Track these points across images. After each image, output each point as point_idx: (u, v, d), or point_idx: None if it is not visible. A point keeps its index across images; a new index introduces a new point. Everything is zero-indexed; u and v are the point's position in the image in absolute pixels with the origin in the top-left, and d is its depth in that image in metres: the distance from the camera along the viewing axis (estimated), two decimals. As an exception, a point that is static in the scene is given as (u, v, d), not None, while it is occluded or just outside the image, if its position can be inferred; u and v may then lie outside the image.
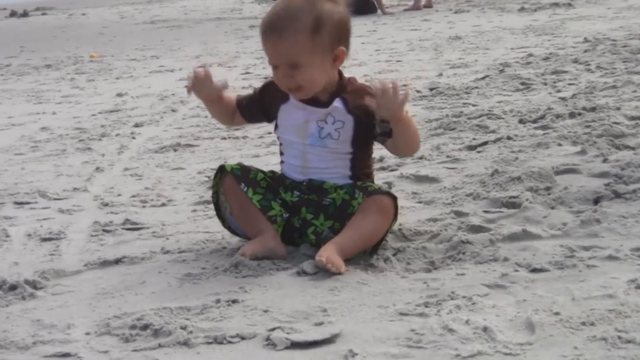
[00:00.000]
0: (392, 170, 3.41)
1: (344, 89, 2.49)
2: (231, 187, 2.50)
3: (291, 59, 2.36)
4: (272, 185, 2.52)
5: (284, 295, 2.13)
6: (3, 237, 2.84)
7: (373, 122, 2.43)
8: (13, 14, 16.49)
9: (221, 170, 2.55)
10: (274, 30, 2.37)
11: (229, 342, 1.88)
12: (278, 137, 2.61)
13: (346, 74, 2.57)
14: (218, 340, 1.89)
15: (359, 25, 10.75)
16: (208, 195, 3.24)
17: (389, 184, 3.13)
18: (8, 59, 9.56)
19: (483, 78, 5.47)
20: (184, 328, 1.93)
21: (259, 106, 2.60)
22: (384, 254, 2.37)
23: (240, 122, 2.70)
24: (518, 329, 1.82)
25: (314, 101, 2.47)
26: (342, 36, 2.44)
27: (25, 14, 16.56)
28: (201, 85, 2.54)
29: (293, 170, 2.54)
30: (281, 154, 2.62)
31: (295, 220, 2.49)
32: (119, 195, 3.38)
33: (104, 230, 2.86)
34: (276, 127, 2.58)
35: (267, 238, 2.40)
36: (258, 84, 6.40)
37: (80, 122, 5.26)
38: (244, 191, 2.47)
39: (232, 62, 7.97)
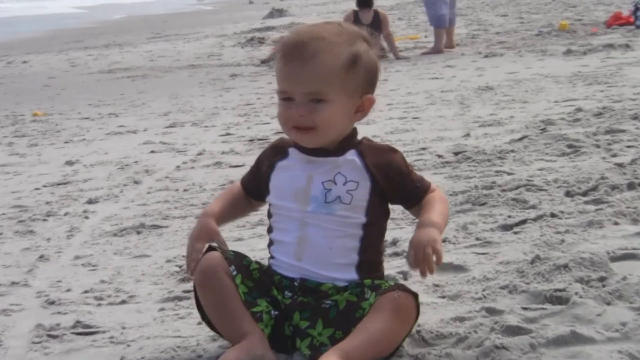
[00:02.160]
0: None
1: (357, 144, 2.56)
2: (214, 269, 2.50)
3: (317, 89, 2.43)
4: (262, 279, 2.55)
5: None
6: None
7: (396, 190, 2.52)
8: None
9: (209, 248, 2.59)
10: (305, 49, 2.45)
11: None
12: (270, 207, 2.64)
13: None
14: None
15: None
16: (179, 289, 3.28)
17: (404, 274, 3.17)
18: None
19: (521, 139, 5.55)
20: None
21: (256, 178, 2.71)
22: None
23: (258, 204, 2.80)
24: None
25: (321, 151, 2.53)
26: (372, 83, 2.57)
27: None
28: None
29: (284, 254, 2.55)
30: (270, 230, 2.64)
31: (286, 326, 2.50)
32: (68, 290, 3.41)
33: (49, 336, 2.88)
34: (267, 193, 2.63)
35: (254, 343, 2.40)
36: (240, 147, 6.56)
37: (20, 199, 5.32)
38: (232, 275, 2.49)
39: (209, 120, 8.07)
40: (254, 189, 2.72)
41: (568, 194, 4.10)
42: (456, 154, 5.36)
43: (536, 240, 3.42)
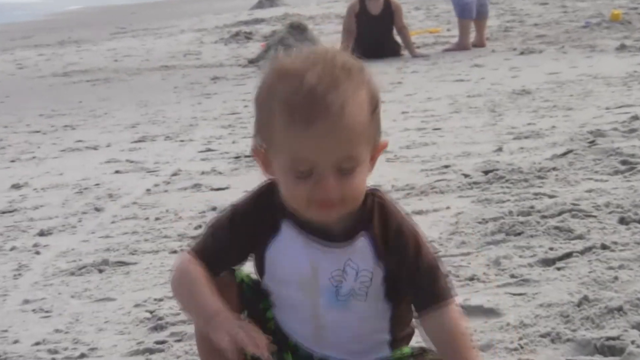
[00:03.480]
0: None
1: (369, 212, 2.43)
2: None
3: (349, 153, 2.27)
4: (276, 334, 2.49)
5: None
6: None
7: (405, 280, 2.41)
8: None
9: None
10: (326, 105, 2.23)
11: None
12: (267, 287, 2.53)
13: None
14: None
15: (377, 76, 10.94)
16: (150, 340, 3.28)
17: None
18: None
19: (565, 154, 5.57)
20: None
21: (236, 248, 2.50)
22: None
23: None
24: None
25: (322, 231, 2.41)
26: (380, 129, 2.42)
27: None
28: None
29: (300, 336, 2.51)
30: (272, 305, 2.56)
31: None
32: (16, 342, 3.41)
33: (-8, 398, 2.89)
34: (261, 273, 2.51)
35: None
36: (224, 166, 6.57)
37: (-44, 230, 5.33)
38: (259, 308, 2.50)
39: (186, 133, 8.09)
40: (225, 264, 2.52)
41: (622, 220, 4.11)
42: (486, 172, 5.37)
43: (584, 277, 3.43)
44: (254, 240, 2.45)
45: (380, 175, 5.30)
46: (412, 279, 2.37)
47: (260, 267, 2.48)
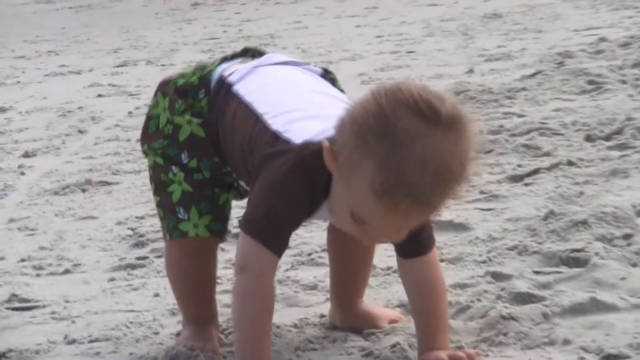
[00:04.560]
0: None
1: None
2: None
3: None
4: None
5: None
6: None
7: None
8: None
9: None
10: (431, 203, 2.08)
11: None
12: None
13: (336, 71, 2.62)
14: None
15: (349, 3, 10.93)
16: (132, 256, 3.28)
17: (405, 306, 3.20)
18: None
19: (533, 75, 5.56)
20: None
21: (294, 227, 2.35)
22: (391, 338, 2.40)
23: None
24: None
25: None
26: None
27: None
28: None
29: None
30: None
31: None
32: (2, 259, 3.41)
33: (-21, 312, 2.89)
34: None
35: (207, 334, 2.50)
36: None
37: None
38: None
39: (167, 57, 8.05)
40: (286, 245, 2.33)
41: (588, 138, 4.11)
42: (458, 93, 5.34)
43: (550, 192, 3.43)
44: (300, 219, 2.29)
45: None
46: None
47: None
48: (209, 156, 2.47)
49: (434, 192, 2.03)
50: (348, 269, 2.61)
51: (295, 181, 2.18)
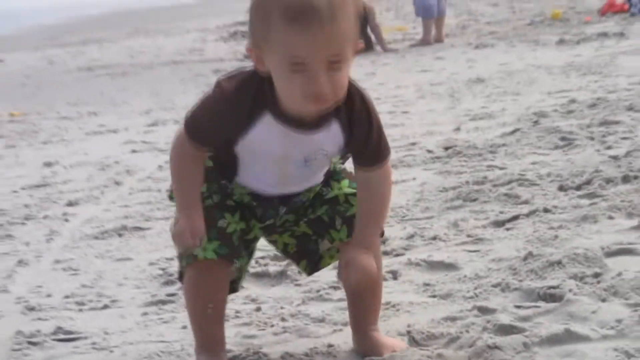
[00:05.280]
0: (397, 255, 3.47)
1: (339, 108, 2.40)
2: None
3: (339, 50, 2.25)
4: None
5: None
6: None
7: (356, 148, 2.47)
8: None
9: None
10: (321, 8, 2.22)
11: None
12: (235, 154, 2.50)
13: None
14: None
15: (354, 67, 10.91)
16: (162, 293, 3.29)
17: (394, 273, 3.20)
18: None
19: (512, 132, 5.58)
20: None
21: (217, 137, 2.46)
22: (388, 365, 2.42)
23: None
24: None
25: (299, 122, 2.38)
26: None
27: None
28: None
29: (261, 184, 2.54)
30: (229, 167, 2.54)
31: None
32: (49, 295, 3.41)
33: (29, 343, 2.88)
34: (233, 144, 2.46)
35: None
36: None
37: (-3, 201, 5.33)
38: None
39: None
40: (210, 144, 2.48)
41: (561, 188, 4.13)
42: (446, 148, 5.39)
43: (529, 236, 3.45)
44: (234, 125, 2.40)
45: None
46: (362, 148, 2.42)
47: (232, 143, 2.44)
48: (216, 179, 2.52)
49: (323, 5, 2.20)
50: (358, 300, 2.62)
51: (226, 88, 2.38)
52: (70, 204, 5.06)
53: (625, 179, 4.07)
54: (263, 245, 2.79)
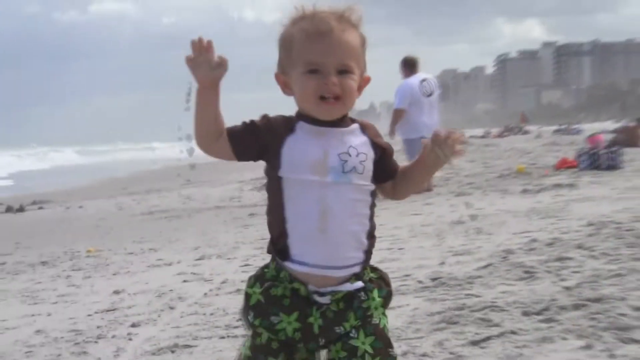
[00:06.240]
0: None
1: (354, 119, 2.45)
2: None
3: (347, 61, 2.33)
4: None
5: None
6: None
7: (385, 163, 2.45)
8: (9, 209, 16.91)
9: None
10: (339, 24, 2.34)
11: None
12: (280, 180, 2.36)
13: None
14: None
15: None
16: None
17: None
18: (3, 257, 9.74)
19: (486, 266, 5.59)
20: None
21: (257, 136, 2.37)
22: None
23: (224, 151, 2.40)
24: None
25: (329, 122, 2.36)
26: (366, 65, 2.47)
27: (21, 209, 16.98)
28: (202, 57, 2.28)
29: (305, 228, 2.33)
30: (272, 210, 2.39)
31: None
32: (115, 403, 3.42)
33: None
34: (278, 167, 2.35)
35: None
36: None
37: (75, 323, 5.35)
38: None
39: (232, 252, 8.15)
40: (240, 136, 2.37)
41: (525, 313, 4.14)
42: (433, 279, 5.40)
43: (499, 354, 3.46)
44: (273, 134, 2.36)
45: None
46: (390, 162, 2.47)
47: (276, 160, 2.35)
48: (267, 316, 2.37)
49: (328, 18, 2.34)
50: None
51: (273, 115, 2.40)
52: (133, 325, 5.09)
53: (576, 307, 4.08)
54: None
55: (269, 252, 2.44)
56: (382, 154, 2.43)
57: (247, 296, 2.43)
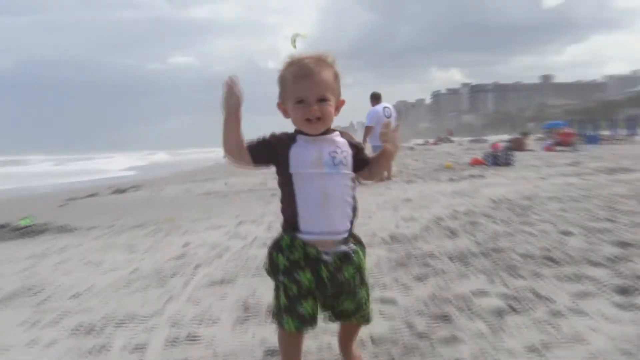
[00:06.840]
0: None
1: (334, 130, 2.39)
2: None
3: (324, 93, 2.21)
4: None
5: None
6: None
7: (360, 157, 2.37)
8: (116, 191, 16.95)
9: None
10: (317, 67, 2.22)
11: None
12: (290, 176, 2.26)
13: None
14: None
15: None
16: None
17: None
18: (113, 221, 9.70)
19: (425, 229, 5.57)
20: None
21: (269, 147, 2.27)
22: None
23: (244, 159, 2.26)
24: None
25: (319, 134, 2.28)
26: (340, 91, 2.34)
27: (124, 191, 17.00)
28: (232, 92, 2.19)
29: (311, 205, 2.23)
30: (286, 198, 2.27)
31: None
32: (184, 316, 3.39)
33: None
34: (288, 167, 2.25)
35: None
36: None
37: (158, 265, 5.29)
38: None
39: (260, 219, 8.07)
40: (258, 149, 2.25)
41: (450, 259, 4.11)
42: (391, 237, 5.36)
43: (434, 285, 3.42)
44: (280, 147, 2.28)
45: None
46: (362, 156, 2.35)
47: (286, 162, 2.26)
48: (292, 275, 2.26)
49: (309, 63, 2.20)
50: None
51: (278, 132, 2.29)
52: (196, 266, 5.00)
53: (483, 254, 4.07)
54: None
55: (283, 229, 2.38)
56: (357, 150, 2.39)
57: (276, 264, 2.32)
